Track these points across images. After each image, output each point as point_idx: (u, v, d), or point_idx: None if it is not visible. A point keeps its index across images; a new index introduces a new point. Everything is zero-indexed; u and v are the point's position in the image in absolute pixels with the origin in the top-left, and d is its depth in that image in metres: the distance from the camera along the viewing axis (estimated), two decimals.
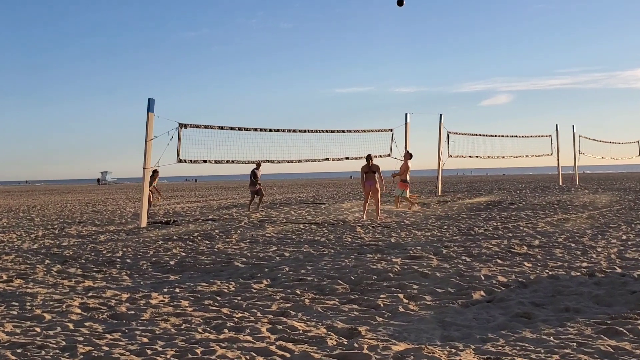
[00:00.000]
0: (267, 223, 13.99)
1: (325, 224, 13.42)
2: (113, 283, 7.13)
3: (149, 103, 14.25)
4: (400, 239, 10.30)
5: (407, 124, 22.33)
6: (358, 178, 15.94)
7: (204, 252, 9.51)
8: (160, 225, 14.26)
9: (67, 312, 5.60)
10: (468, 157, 25.62)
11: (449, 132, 24.15)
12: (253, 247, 9.93)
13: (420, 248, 9.12)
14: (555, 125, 31.28)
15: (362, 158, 14.71)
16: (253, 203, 19.68)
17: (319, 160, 18.94)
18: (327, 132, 19.24)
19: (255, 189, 19.20)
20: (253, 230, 12.44)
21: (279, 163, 18.13)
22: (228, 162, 16.21)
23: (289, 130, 18.00)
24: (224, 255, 9.01)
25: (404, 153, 17.68)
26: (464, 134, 25.51)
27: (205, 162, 15.56)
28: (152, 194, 16.90)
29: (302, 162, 18.59)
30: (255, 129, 16.95)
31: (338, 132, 19.60)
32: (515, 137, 28.62)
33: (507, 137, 28.08)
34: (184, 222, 15.10)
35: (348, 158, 19.43)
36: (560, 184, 32.09)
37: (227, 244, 10.35)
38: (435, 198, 22.71)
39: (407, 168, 16.86)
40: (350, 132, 19.95)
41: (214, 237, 11.53)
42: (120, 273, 7.84)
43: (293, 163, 18.48)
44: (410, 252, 8.74)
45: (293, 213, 17.08)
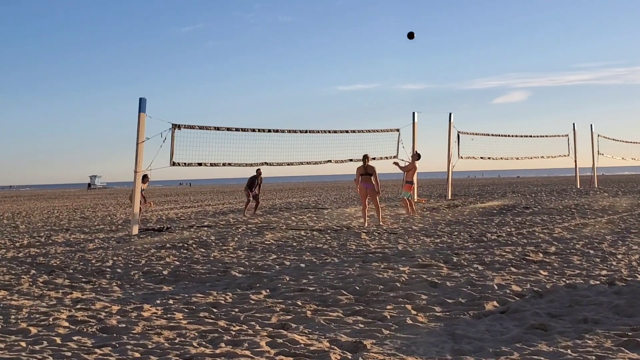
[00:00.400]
0: (266, 230, 14.00)
1: (328, 231, 13.42)
2: (103, 294, 7.14)
3: (140, 103, 14.28)
4: (408, 246, 10.30)
5: (414, 124, 22.37)
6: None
7: (199, 260, 9.52)
8: (153, 233, 14.28)
9: (54, 325, 5.61)
10: (480, 158, 25.59)
11: (460, 132, 24.13)
12: (251, 255, 9.94)
13: (429, 256, 9.12)
14: (573, 125, 31.28)
15: (370, 160, 14.68)
16: (250, 208, 19.85)
17: (321, 163, 18.95)
18: (329, 132, 19.25)
19: (253, 194, 19.36)
20: (251, 238, 12.45)
21: (279, 165, 18.15)
22: (224, 164, 16.23)
23: (289, 131, 18.01)
24: (221, 264, 9.01)
25: (412, 154, 17.65)
26: (476, 134, 25.50)
27: (200, 165, 15.58)
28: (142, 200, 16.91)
29: (303, 164, 18.61)
30: (253, 130, 16.96)
31: (341, 132, 19.62)
32: (530, 137, 28.62)
33: (521, 137, 28.07)
34: (178, 228, 15.11)
35: (352, 160, 19.41)
36: (578, 187, 32.06)
37: (223, 252, 10.36)
38: (445, 202, 22.72)
39: (414, 169, 16.87)
40: (354, 132, 19.96)
41: (210, 244, 11.54)
42: (111, 283, 7.85)
43: (293, 165, 18.50)
44: (419, 260, 8.74)
45: (294, 219, 17.09)
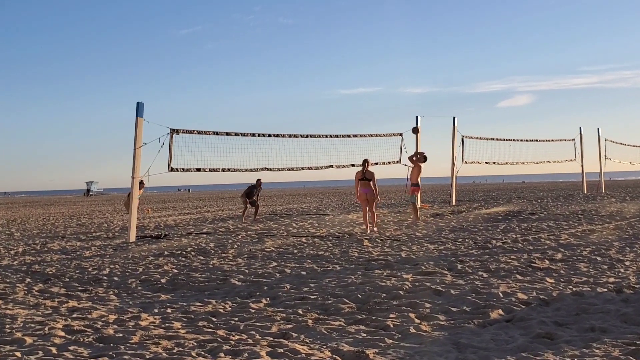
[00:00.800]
0: (266, 237, 14.01)
1: (330, 237, 13.42)
2: (99, 303, 7.14)
3: (138, 107, 14.29)
4: (412, 253, 10.30)
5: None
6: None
7: (198, 268, 9.52)
8: (151, 240, 14.29)
9: (49, 335, 5.61)
10: (484, 163, 25.59)
11: (464, 136, 24.16)
12: (251, 263, 9.94)
13: (433, 263, 9.12)
14: (579, 129, 31.29)
15: (370, 165, 14.69)
16: (249, 214, 19.90)
17: (323, 168, 18.96)
18: (331, 137, 19.27)
19: (251, 200, 19.44)
20: (251, 245, 12.45)
21: (279, 171, 18.15)
22: (224, 170, 16.22)
23: (290, 136, 18.02)
24: (220, 272, 9.01)
25: (421, 154, 17.54)
26: (480, 138, 25.52)
27: (199, 170, 15.59)
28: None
29: (304, 169, 18.61)
30: (253, 134, 16.97)
31: (343, 136, 19.64)
32: (536, 141, 28.65)
33: (527, 141, 28.12)
34: (176, 236, 15.12)
35: (354, 165, 19.39)
36: (585, 192, 32.05)
37: (223, 260, 10.36)
38: (449, 208, 22.72)
39: (418, 170, 16.85)
40: (357, 136, 19.99)
41: (209, 252, 11.54)
42: (107, 292, 7.85)
43: (294, 171, 18.50)
44: (422, 267, 8.74)
45: (294, 225, 17.09)
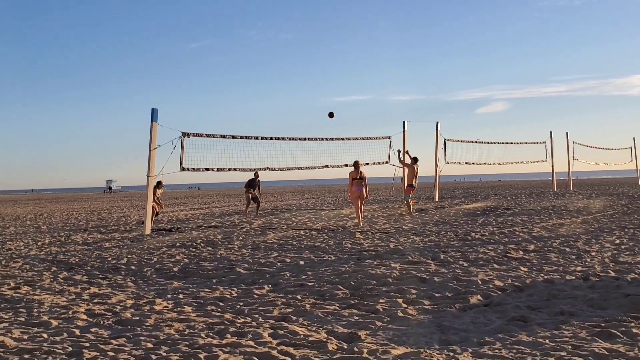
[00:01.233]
0: (268, 229, 13.99)
1: (325, 230, 13.41)
2: (118, 289, 7.13)
3: (153, 113, 14.28)
4: (399, 245, 10.30)
5: (404, 132, 22.36)
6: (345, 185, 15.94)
7: (207, 258, 9.51)
8: (164, 233, 14.26)
9: (73, 318, 5.60)
10: (465, 163, 25.63)
11: (446, 139, 24.22)
12: (255, 253, 9.93)
13: (419, 253, 9.12)
14: (550, 132, 31.40)
15: (361, 166, 14.69)
16: (252, 209, 19.91)
17: (319, 168, 18.96)
18: (326, 139, 19.27)
19: (253, 195, 19.43)
20: (255, 237, 12.43)
21: (280, 170, 18.14)
22: (230, 169, 16.22)
23: (289, 138, 18.01)
24: (227, 262, 9.00)
25: (412, 158, 17.52)
26: (461, 141, 25.57)
27: (208, 170, 15.57)
28: (156, 204, 16.99)
29: (302, 169, 18.61)
30: (257, 137, 16.97)
31: (337, 139, 19.63)
32: (511, 144, 28.68)
33: (502, 143, 28.14)
34: (187, 229, 15.09)
35: (347, 165, 19.40)
36: (555, 190, 32.09)
37: (229, 251, 10.34)
38: (433, 204, 22.74)
39: (412, 171, 16.86)
40: (350, 139, 19.99)
41: (217, 243, 11.52)
42: (125, 279, 7.84)
43: (293, 170, 18.49)
44: (409, 257, 8.74)
45: (294, 219, 17.08)
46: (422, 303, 5.83)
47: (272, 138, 17.47)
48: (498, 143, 27.85)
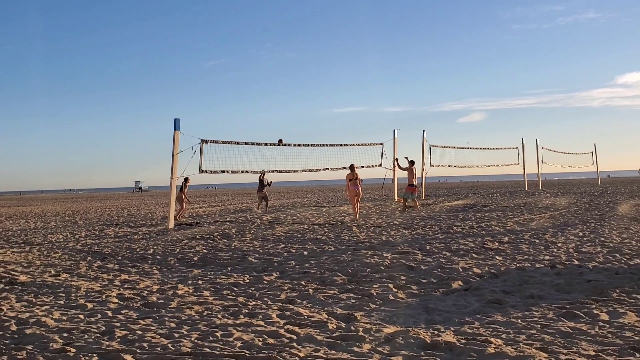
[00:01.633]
0: (276, 224, 13.98)
1: (326, 225, 13.40)
2: (145, 276, 7.13)
3: (175, 122, 14.26)
4: (390, 237, 10.28)
5: (395, 139, 22.37)
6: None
7: (223, 249, 9.50)
8: (185, 227, 14.26)
9: (106, 301, 5.61)
10: (447, 166, 25.63)
11: (431, 145, 24.21)
12: (264, 244, 9.92)
13: (407, 245, 9.11)
14: (521, 139, 31.32)
15: (357, 168, 14.74)
16: (261, 206, 20.11)
17: (320, 170, 18.98)
18: (327, 145, 19.30)
19: (262, 194, 19.62)
20: (264, 230, 12.43)
21: (286, 172, 18.14)
22: (243, 172, 16.27)
23: (294, 145, 18.02)
24: (240, 252, 9.00)
25: (409, 161, 17.36)
26: (444, 147, 25.55)
27: (224, 172, 15.58)
28: (184, 200, 17.09)
29: (305, 171, 18.62)
30: (266, 144, 16.97)
31: (336, 145, 19.67)
32: (488, 149, 28.65)
33: (480, 149, 28.13)
34: (206, 223, 15.09)
35: (345, 168, 19.38)
36: (526, 189, 32.04)
37: (242, 242, 10.34)
38: (419, 202, 22.68)
39: (412, 172, 16.81)
40: (347, 145, 20.03)
41: (231, 236, 11.52)
42: (152, 268, 7.84)
43: (298, 172, 18.50)
44: (399, 248, 8.73)
45: (298, 215, 17.06)
46: (410, 288, 5.83)
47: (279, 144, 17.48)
48: (476, 149, 27.84)
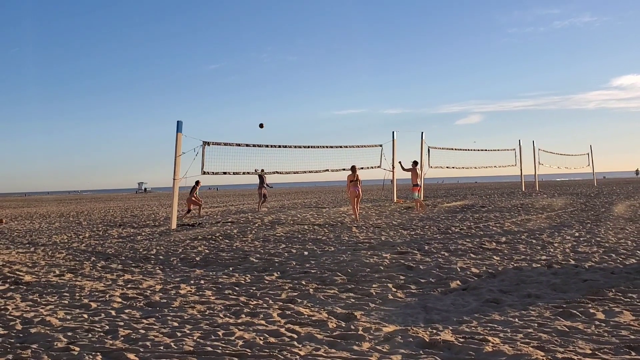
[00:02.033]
0: (277, 224, 13.98)
1: (326, 225, 13.40)
2: (148, 276, 7.13)
3: (178, 125, 14.28)
4: (389, 238, 10.28)
5: (394, 141, 22.37)
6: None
7: (224, 249, 9.50)
8: (188, 227, 14.26)
9: (109, 301, 5.61)
10: (446, 167, 25.61)
11: (430, 146, 24.16)
12: (265, 245, 9.92)
13: (406, 245, 9.11)
14: (519, 141, 31.37)
15: (357, 170, 14.76)
16: (262, 204, 20.57)
17: (321, 171, 18.97)
18: (327, 147, 19.30)
19: (261, 191, 20.01)
20: (265, 231, 12.42)
21: (287, 174, 18.16)
22: (244, 173, 16.28)
23: (295, 146, 18.03)
24: (241, 252, 9.00)
25: (412, 162, 17.33)
26: (442, 148, 25.53)
27: (225, 173, 15.57)
28: (197, 202, 17.20)
29: (306, 172, 18.62)
30: (267, 146, 16.97)
31: (336, 147, 19.66)
32: (485, 150, 28.66)
33: (478, 150, 28.12)
34: (208, 224, 15.09)
35: (345, 169, 19.40)
36: (523, 190, 32.03)
37: (243, 243, 10.34)
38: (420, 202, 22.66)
39: (415, 173, 16.81)
40: (347, 147, 20.02)
41: (233, 236, 11.52)
42: (154, 268, 7.83)
43: (298, 173, 18.51)
44: (398, 248, 8.73)
45: (299, 216, 17.06)
46: (409, 287, 5.82)
47: (280, 146, 17.49)
48: (474, 150, 27.83)
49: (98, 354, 3.87)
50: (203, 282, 6.56)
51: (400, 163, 17.19)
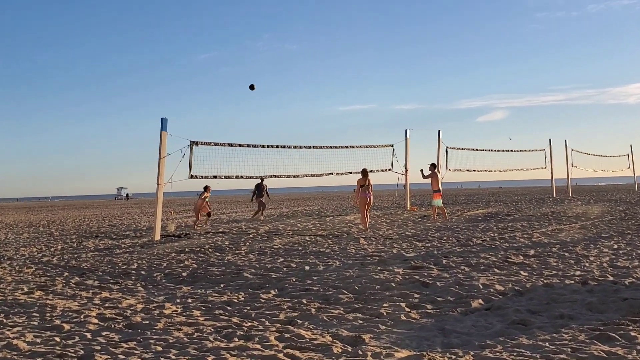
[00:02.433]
0: (274, 235, 13.99)
1: (330, 236, 13.40)
2: (129, 294, 7.13)
3: (162, 122, 14.32)
4: (402, 250, 10.28)
5: (407, 140, 22.39)
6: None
7: (215, 263, 9.51)
8: (173, 238, 14.27)
9: (85, 322, 5.61)
10: (466, 170, 25.56)
11: (447, 147, 24.11)
12: (261, 258, 9.92)
13: (421, 259, 9.10)
14: (549, 140, 31.36)
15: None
16: (259, 212, 20.61)
17: (324, 175, 19.01)
18: (331, 147, 19.30)
19: (260, 200, 20.09)
20: (261, 243, 12.43)
21: (286, 178, 18.17)
22: (237, 177, 16.27)
23: (295, 147, 18.05)
24: (234, 267, 9.00)
25: (429, 165, 17.25)
26: (462, 149, 25.49)
27: (216, 177, 15.61)
28: (206, 206, 17.30)
29: (307, 176, 18.64)
30: (263, 146, 17.00)
31: (341, 147, 19.66)
32: (511, 151, 28.64)
33: (503, 151, 28.10)
34: (196, 235, 15.10)
35: (351, 172, 19.43)
36: (554, 196, 31.99)
37: (236, 256, 10.34)
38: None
39: (436, 177, 16.75)
40: (353, 147, 20.02)
41: (224, 249, 11.52)
42: (135, 284, 7.84)
43: (299, 177, 18.52)
44: (412, 262, 8.72)
45: (299, 225, 17.06)
46: (424, 307, 5.81)
47: (278, 146, 17.51)
48: (498, 151, 27.82)
49: None
50: (190, 300, 6.56)
51: (422, 171, 17.04)
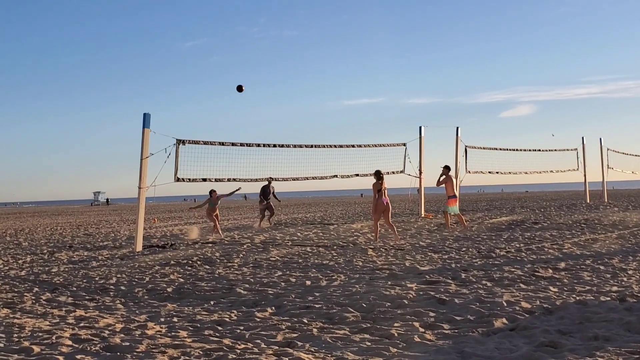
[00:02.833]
0: (271, 246, 13.99)
1: (334, 247, 13.40)
2: (106, 312, 7.14)
3: (145, 118, 14.31)
4: (416, 263, 10.27)
5: (421, 138, 22.38)
6: (370, 196, 15.90)
7: (204, 277, 9.51)
8: (157, 249, 14.28)
9: (57, 344, 5.61)
10: (487, 172, 25.47)
11: (467, 146, 23.99)
12: (256, 272, 9.93)
13: (437, 272, 9.10)
14: (582, 138, 31.28)
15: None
16: (267, 219, 20.53)
17: (327, 178, 18.98)
18: (335, 147, 19.31)
19: (265, 206, 19.98)
20: (256, 254, 12.44)
21: (284, 181, 18.22)
22: (229, 180, 16.27)
23: (295, 146, 18.05)
24: (226, 281, 9.01)
25: (443, 168, 17.07)
26: (483, 148, 25.40)
27: (205, 180, 15.62)
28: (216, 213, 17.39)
29: (308, 179, 18.64)
30: (258, 145, 17.00)
31: (347, 147, 19.68)
32: (539, 151, 28.58)
33: (529, 151, 28.05)
34: (182, 245, 15.11)
35: (358, 175, 19.46)
36: (588, 201, 31.96)
37: (228, 269, 10.35)
38: (453, 218, 22.63)
39: (450, 181, 16.64)
40: (361, 147, 20.03)
41: (215, 261, 11.53)
42: (114, 301, 7.85)
43: (299, 181, 18.52)
44: (427, 276, 8.72)
45: (299, 235, 17.07)
46: (441, 327, 5.81)
47: (275, 145, 17.51)
48: (524, 150, 27.78)
49: None
50: (176, 319, 6.57)
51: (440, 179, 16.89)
